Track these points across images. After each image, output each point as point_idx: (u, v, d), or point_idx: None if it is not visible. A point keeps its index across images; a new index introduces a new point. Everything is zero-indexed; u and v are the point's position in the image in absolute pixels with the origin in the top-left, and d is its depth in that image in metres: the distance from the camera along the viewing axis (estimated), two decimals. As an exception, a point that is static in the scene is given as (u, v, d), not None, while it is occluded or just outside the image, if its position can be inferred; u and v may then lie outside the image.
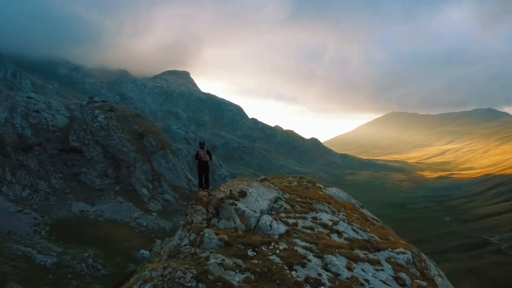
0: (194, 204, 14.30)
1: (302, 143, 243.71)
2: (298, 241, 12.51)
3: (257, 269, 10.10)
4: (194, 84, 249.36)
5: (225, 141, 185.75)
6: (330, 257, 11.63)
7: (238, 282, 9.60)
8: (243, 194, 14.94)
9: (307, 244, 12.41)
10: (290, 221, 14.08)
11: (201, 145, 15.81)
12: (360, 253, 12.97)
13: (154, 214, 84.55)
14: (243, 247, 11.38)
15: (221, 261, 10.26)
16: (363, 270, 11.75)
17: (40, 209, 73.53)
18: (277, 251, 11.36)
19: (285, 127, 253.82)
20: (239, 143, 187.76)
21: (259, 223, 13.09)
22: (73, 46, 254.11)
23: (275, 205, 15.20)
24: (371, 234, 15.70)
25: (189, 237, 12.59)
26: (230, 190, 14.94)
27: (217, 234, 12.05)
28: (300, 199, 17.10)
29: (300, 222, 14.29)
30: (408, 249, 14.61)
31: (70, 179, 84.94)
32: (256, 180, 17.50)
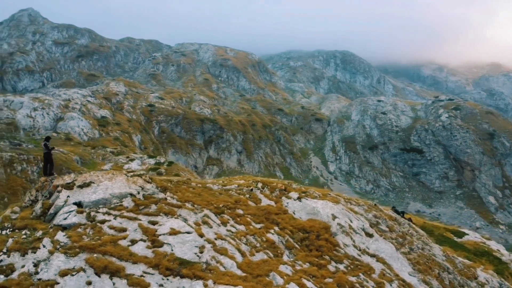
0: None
1: None
2: (61, 234, 12.61)
3: None
4: None
5: None
6: (57, 257, 11.54)
7: None
8: (85, 185, 15.09)
9: (64, 240, 12.38)
10: (101, 217, 13.75)
11: (46, 139, 18.02)
12: (134, 270, 11.56)
13: (502, 227, 73.43)
14: (10, 225, 13.23)
15: None
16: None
17: (379, 204, 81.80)
18: (23, 237, 12.49)
19: None
20: None
21: (58, 212, 13.76)
22: (437, 46, 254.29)
23: (115, 200, 14.75)
24: (229, 261, 12.89)
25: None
26: (74, 180, 15.39)
27: (15, 213, 14.22)
28: (173, 202, 15.68)
29: (115, 222, 13.65)
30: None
31: (409, 178, 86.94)
32: (127, 175, 16.59)
